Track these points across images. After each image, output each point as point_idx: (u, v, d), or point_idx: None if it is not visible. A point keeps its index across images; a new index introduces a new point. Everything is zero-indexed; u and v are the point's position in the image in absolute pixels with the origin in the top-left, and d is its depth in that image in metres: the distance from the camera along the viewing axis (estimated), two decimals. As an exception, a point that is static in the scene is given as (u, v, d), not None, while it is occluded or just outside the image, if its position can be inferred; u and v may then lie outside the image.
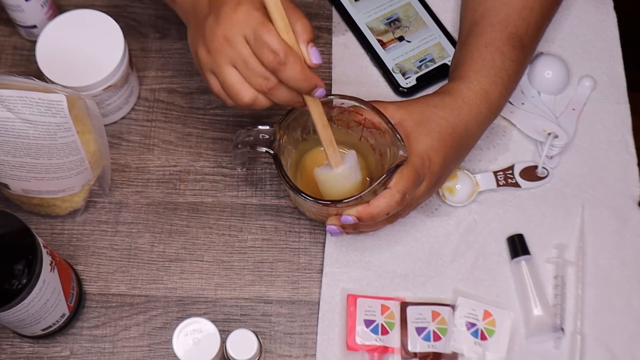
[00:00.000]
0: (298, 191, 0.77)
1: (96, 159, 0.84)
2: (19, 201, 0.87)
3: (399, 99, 0.93)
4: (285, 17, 0.70)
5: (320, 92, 0.73)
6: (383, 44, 0.96)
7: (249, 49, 0.70)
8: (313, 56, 0.71)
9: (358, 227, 0.80)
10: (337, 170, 0.79)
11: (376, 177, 0.77)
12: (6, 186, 0.84)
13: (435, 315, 0.84)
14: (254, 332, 0.75)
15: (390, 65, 0.95)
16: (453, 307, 0.84)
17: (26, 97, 0.74)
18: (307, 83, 0.71)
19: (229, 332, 0.75)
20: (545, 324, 0.84)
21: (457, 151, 0.81)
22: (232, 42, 0.70)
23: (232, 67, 0.71)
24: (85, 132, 0.81)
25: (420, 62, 0.95)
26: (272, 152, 0.77)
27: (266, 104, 0.73)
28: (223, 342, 0.75)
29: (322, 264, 0.87)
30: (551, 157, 0.91)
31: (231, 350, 0.74)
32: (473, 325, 0.84)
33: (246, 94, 0.72)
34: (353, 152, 0.81)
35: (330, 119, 0.81)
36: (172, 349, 0.73)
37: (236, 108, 0.75)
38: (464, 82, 0.82)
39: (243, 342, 0.75)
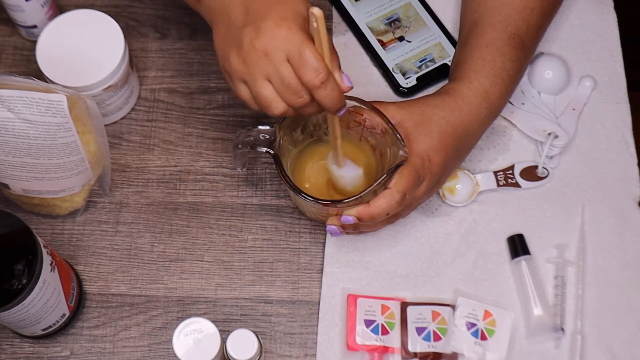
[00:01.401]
0: (298, 191, 0.77)
1: (96, 159, 0.84)
2: (19, 201, 0.87)
3: (399, 99, 0.93)
4: (327, 40, 0.71)
5: (343, 112, 0.75)
6: (383, 44, 0.96)
7: (289, 66, 0.70)
8: (346, 80, 0.73)
9: (358, 227, 0.80)
10: (340, 170, 0.80)
11: (376, 177, 0.77)
12: (6, 186, 0.84)
13: (435, 315, 0.84)
14: (254, 332, 0.75)
15: (390, 65, 0.95)
16: (453, 307, 0.84)
17: (26, 97, 0.74)
18: (339, 104, 0.73)
19: (229, 332, 0.75)
20: (546, 324, 0.84)
21: (458, 151, 0.81)
22: (272, 57, 0.70)
23: (267, 81, 0.72)
24: (86, 132, 0.81)
25: (420, 62, 0.95)
26: (272, 152, 0.77)
27: (292, 114, 0.75)
28: (223, 342, 0.75)
29: (323, 264, 0.87)
30: (551, 157, 0.91)
31: (231, 351, 0.74)
32: (473, 325, 0.84)
33: (278, 106, 0.73)
34: (359, 170, 0.82)
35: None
36: (172, 349, 0.73)
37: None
38: (465, 82, 0.81)
39: (243, 342, 0.75)
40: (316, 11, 0.68)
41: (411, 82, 0.94)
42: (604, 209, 0.89)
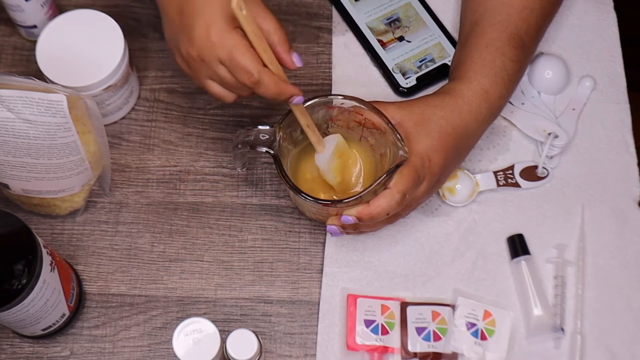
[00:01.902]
0: (298, 191, 0.77)
1: (96, 159, 0.84)
2: (19, 201, 0.87)
3: (399, 99, 0.93)
4: (260, 34, 0.73)
5: (297, 99, 0.76)
6: (383, 44, 0.96)
7: (225, 68, 0.74)
8: (296, 60, 0.75)
9: (358, 227, 0.80)
10: (322, 154, 0.81)
11: (376, 177, 0.77)
12: (6, 186, 0.84)
13: (435, 315, 0.84)
14: (254, 332, 0.75)
15: (390, 65, 0.95)
16: (453, 307, 0.84)
17: (26, 97, 0.74)
18: (282, 96, 0.75)
19: (229, 332, 0.75)
20: (545, 324, 0.84)
21: (457, 151, 0.81)
22: (208, 62, 0.74)
23: (211, 80, 0.77)
24: (86, 132, 0.81)
25: (420, 62, 0.95)
26: (272, 152, 0.77)
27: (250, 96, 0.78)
28: (223, 342, 0.75)
29: (322, 264, 0.87)
30: (551, 157, 0.91)
31: (231, 351, 0.74)
32: (473, 325, 0.84)
33: (229, 99, 0.78)
34: (335, 135, 0.81)
35: (330, 119, 0.82)
36: (172, 349, 0.73)
37: None
38: (464, 82, 0.81)
39: (243, 342, 0.75)
40: (234, 5, 0.69)
41: (411, 82, 0.94)
42: (604, 209, 0.90)
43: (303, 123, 0.78)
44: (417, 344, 0.83)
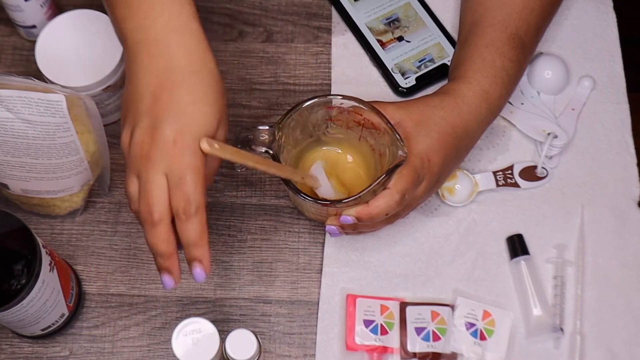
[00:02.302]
0: (297, 191, 0.77)
1: (95, 159, 0.84)
2: (18, 201, 0.87)
3: (398, 99, 0.93)
4: (240, 151, 0.70)
5: (198, 272, 0.69)
6: (382, 44, 0.96)
7: (162, 181, 0.66)
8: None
9: (357, 228, 0.80)
10: (322, 187, 0.81)
11: (375, 177, 0.77)
12: (6, 186, 0.84)
13: (434, 315, 0.84)
14: (253, 332, 0.75)
15: (389, 65, 0.95)
16: (452, 307, 0.84)
17: (25, 97, 0.74)
18: (196, 251, 0.68)
19: (228, 332, 0.75)
20: (545, 324, 0.84)
21: (457, 151, 0.81)
22: (152, 164, 0.66)
23: (136, 179, 0.68)
24: (85, 132, 0.81)
25: (419, 62, 0.95)
26: (271, 152, 0.77)
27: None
28: (222, 342, 0.75)
29: (322, 264, 0.87)
30: (551, 157, 0.91)
31: (230, 351, 0.74)
32: (472, 325, 0.83)
33: (132, 206, 0.69)
34: (317, 164, 0.82)
35: (329, 119, 0.82)
36: (171, 349, 0.73)
37: None
38: (464, 82, 0.81)
39: (242, 342, 0.75)
40: (205, 148, 0.66)
41: (410, 82, 0.94)
42: (604, 209, 0.89)
43: (297, 179, 0.78)
44: (416, 344, 0.83)
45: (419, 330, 0.83)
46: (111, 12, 0.73)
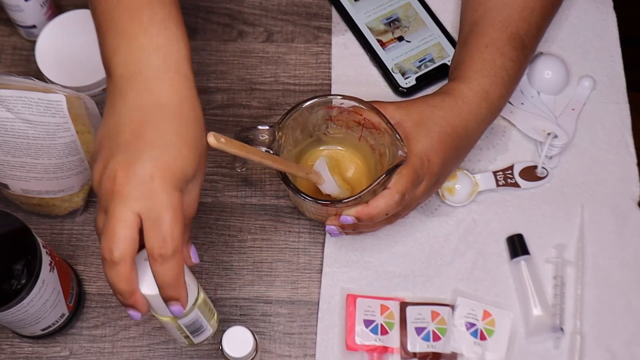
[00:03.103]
0: (297, 191, 0.77)
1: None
2: (18, 201, 0.87)
3: (398, 99, 0.93)
4: (244, 145, 0.69)
5: (176, 309, 0.66)
6: (383, 44, 0.96)
7: (127, 222, 0.62)
8: (194, 256, 0.68)
9: (357, 228, 0.80)
10: (325, 183, 0.81)
11: (375, 177, 0.77)
12: (6, 186, 0.84)
13: (434, 315, 0.84)
14: (249, 329, 0.75)
15: (389, 65, 0.95)
16: (452, 307, 0.84)
17: (26, 97, 0.74)
18: (173, 291, 0.64)
19: (225, 329, 0.75)
20: (545, 324, 0.84)
21: (457, 151, 0.81)
22: (123, 201, 0.62)
23: (102, 216, 0.64)
24: (85, 132, 0.81)
25: (419, 62, 0.95)
26: (271, 152, 0.77)
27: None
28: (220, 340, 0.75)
29: (322, 264, 0.87)
30: (551, 157, 0.91)
31: (227, 347, 0.74)
32: (472, 325, 0.84)
33: (99, 228, 0.65)
34: (320, 160, 0.82)
35: (329, 119, 0.82)
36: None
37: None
38: (464, 82, 0.81)
39: (239, 339, 0.75)
40: (213, 143, 0.66)
41: (410, 82, 0.94)
42: (604, 209, 0.89)
43: (301, 175, 0.78)
44: (416, 344, 0.83)
45: (419, 330, 0.83)
46: (101, 38, 0.69)
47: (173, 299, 0.65)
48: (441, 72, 0.94)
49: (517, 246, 0.87)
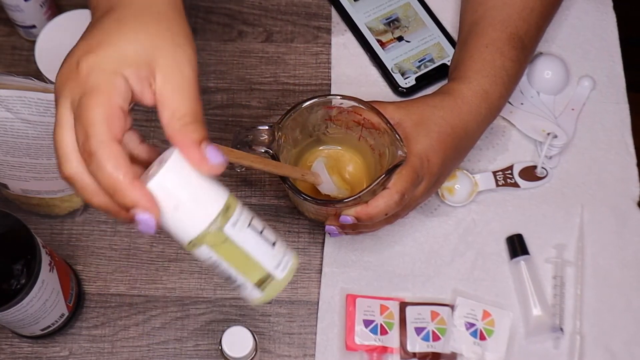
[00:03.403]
0: (297, 191, 0.77)
1: (95, 159, 0.84)
2: (18, 201, 0.87)
3: (398, 99, 0.93)
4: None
5: (141, 219, 0.53)
6: (382, 44, 0.96)
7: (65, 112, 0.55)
8: (212, 155, 0.56)
9: (357, 228, 0.80)
10: (323, 183, 0.81)
11: (375, 177, 0.77)
12: (5, 186, 0.84)
13: (434, 315, 0.84)
14: (249, 329, 0.75)
15: (389, 65, 0.95)
16: (452, 307, 0.84)
17: (25, 97, 0.74)
18: (122, 197, 0.53)
19: (224, 329, 0.75)
20: (545, 324, 0.84)
21: (457, 151, 0.81)
22: (60, 93, 0.56)
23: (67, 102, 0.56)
24: (84, 132, 0.81)
25: (419, 62, 0.95)
26: (271, 152, 0.77)
27: None
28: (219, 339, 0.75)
29: (321, 264, 0.87)
30: (550, 157, 0.91)
31: (226, 347, 0.74)
32: (472, 325, 0.84)
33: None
34: (318, 160, 0.81)
35: (329, 119, 0.82)
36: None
37: None
38: (464, 82, 0.81)
39: (238, 339, 0.75)
40: None
41: (410, 82, 0.94)
42: (603, 209, 0.89)
43: (296, 177, 0.78)
44: (416, 344, 0.83)
45: (418, 330, 0.83)
46: None
47: (129, 207, 0.53)
48: (441, 72, 0.94)
49: (516, 246, 0.87)
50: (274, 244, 0.58)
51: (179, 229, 0.56)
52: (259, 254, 0.58)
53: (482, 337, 0.83)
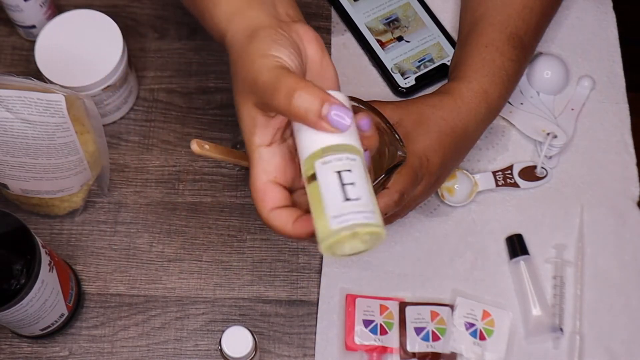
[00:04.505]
0: (297, 191, 0.77)
1: (95, 159, 0.84)
2: (17, 201, 0.87)
3: (397, 99, 0.93)
4: (226, 150, 0.67)
5: (364, 121, 0.62)
6: (382, 44, 0.96)
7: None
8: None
9: (357, 227, 0.80)
10: None
11: (374, 177, 0.77)
12: (5, 186, 0.84)
13: (434, 315, 0.84)
14: (249, 329, 0.75)
15: (389, 65, 0.95)
16: (452, 307, 0.84)
17: (25, 97, 0.74)
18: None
19: (224, 329, 0.75)
20: (544, 324, 0.84)
21: (456, 151, 0.81)
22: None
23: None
24: (84, 132, 0.81)
25: (419, 62, 0.95)
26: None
27: None
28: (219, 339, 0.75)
29: (321, 264, 0.87)
30: (550, 157, 0.91)
31: (226, 347, 0.74)
32: (472, 325, 0.83)
33: None
34: None
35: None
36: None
37: None
38: (464, 82, 0.81)
39: (238, 339, 0.75)
40: (196, 150, 0.65)
41: (410, 82, 0.94)
42: (603, 209, 0.89)
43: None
44: (415, 344, 0.83)
45: (418, 330, 0.83)
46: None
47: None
48: (440, 72, 0.94)
49: (516, 246, 0.87)
50: (348, 199, 0.58)
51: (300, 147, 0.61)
52: (327, 197, 0.58)
53: (482, 337, 0.83)
